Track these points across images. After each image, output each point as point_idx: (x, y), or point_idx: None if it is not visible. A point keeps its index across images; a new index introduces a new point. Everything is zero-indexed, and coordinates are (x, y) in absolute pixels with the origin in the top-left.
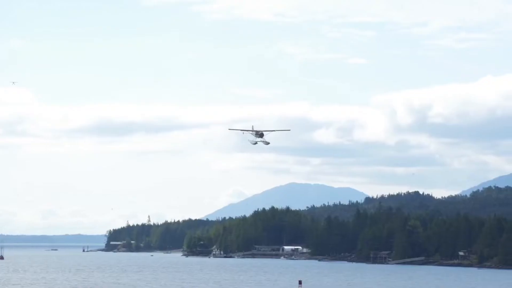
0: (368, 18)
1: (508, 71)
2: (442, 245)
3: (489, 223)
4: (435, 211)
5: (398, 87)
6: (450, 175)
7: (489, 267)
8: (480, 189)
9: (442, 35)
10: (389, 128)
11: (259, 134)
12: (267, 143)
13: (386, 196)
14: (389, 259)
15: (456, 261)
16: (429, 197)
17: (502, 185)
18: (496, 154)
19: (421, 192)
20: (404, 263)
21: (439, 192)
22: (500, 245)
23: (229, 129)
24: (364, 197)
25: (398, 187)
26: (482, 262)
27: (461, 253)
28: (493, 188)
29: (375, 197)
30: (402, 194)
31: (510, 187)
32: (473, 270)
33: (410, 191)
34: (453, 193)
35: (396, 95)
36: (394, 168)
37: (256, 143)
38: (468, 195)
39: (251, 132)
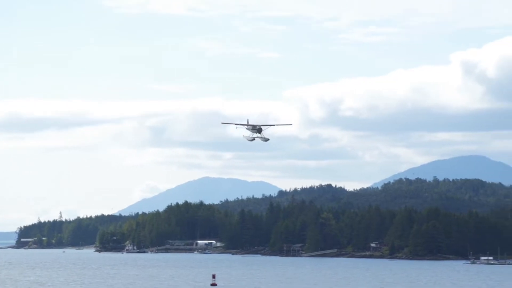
0: (280, 13)
1: (418, 64)
2: (354, 237)
3: (400, 215)
4: (347, 204)
5: (310, 81)
6: (362, 168)
7: (400, 258)
8: (391, 181)
9: (353, 29)
10: (301, 122)
11: (257, 129)
12: (266, 140)
13: (299, 189)
14: (302, 252)
15: (368, 253)
16: (341, 190)
17: (412, 177)
18: (406, 146)
19: (333, 185)
20: (317, 255)
21: (351, 185)
22: (410, 236)
23: (222, 122)
24: (277, 190)
25: (310, 180)
26: (393, 253)
27: (373, 245)
28: (404, 180)
29: (288, 190)
30: (315, 187)
31: (420, 179)
32: (385, 262)
33: (323, 184)
34: (365, 185)
35: (308, 89)
36: (306, 162)
37: (253, 139)
38: (379, 187)
39: (246, 126)
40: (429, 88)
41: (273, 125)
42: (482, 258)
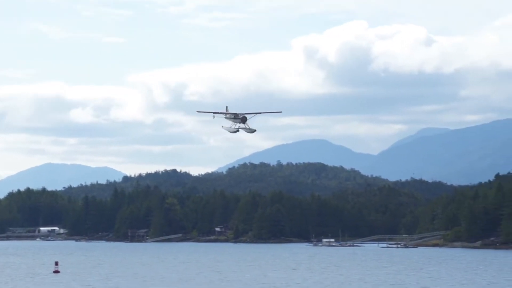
0: None
1: (261, 49)
2: (199, 222)
3: (244, 199)
4: (192, 188)
5: (154, 66)
6: (207, 153)
7: (245, 241)
8: (236, 165)
9: (197, 14)
10: (146, 107)
11: (240, 118)
12: (253, 131)
13: (144, 174)
14: (147, 237)
15: (213, 237)
16: (186, 175)
17: (256, 161)
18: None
19: (178, 170)
20: (162, 240)
21: (196, 170)
22: (255, 220)
23: (198, 111)
24: (122, 176)
25: (156, 166)
26: (238, 237)
27: (218, 229)
28: (248, 164)
29: (133, 176)
30: (160, 172)
31: (264, 163)
32: (229, 245)
33: (168, 169)
34: (210, 170)
35: (152, 74)
36: (151, 147)
37: (237, 130)
38: (224, 172)
39: (226, 115)
40: (272, 73)
41: (260, 113)
42: (324, 240)
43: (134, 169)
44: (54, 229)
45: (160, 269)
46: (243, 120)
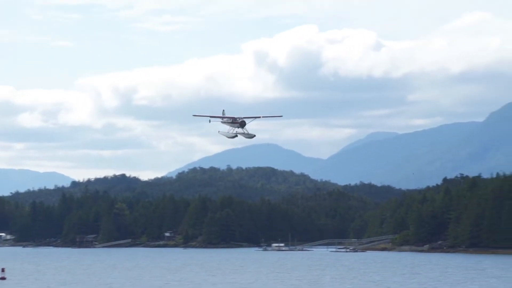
0: (73, 1)
1: (212, 53)
2: (149, 227)
3: (194, 204)
4: (142, 193)
5: (104, 70)
6: (157, 157)
7: (194, 246)
8: (186, 170)
9: (147, 18)
10: (95, 111)
11: (239, 123)
12: (252, 136)
13: (93, 179)
14: (96, 243)
15: (162, 242)
16: (135, 180)
17: (206, 165)
18: (200, 135)
19: (128, 175)
20: (110, 246)
21: (146, 174)
22: (204, 224)
23: (194, 115)
24: (71, 181)
25: (105, 170)
26: (187, 242)
27: (167, 234)
28: (198, 169)
29: (81, 181)
30: (109, 177)
31: (214, 167)
32: (178, 250)
33: (117, 174)
34: (160, 174)
35: (101, 78)
36: (100, 151)
37: (235, 136)
38: (174, 177)
39: (222, 119)
40: (222, 77)
41: (259, 117)
42: (274, 244)
43: (83, 174)
44: (1, 235)
45: (105, 275)
46: (242, 124)
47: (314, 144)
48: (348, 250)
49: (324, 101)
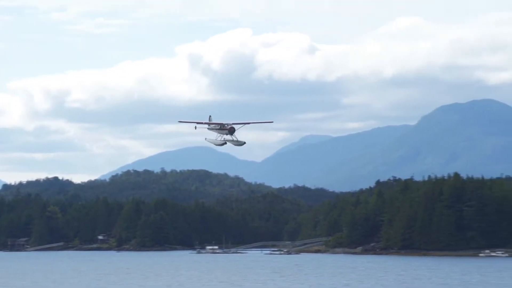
0: (4, 2)
1: (145, 56)
2: (82, 230)
3: (128, 207)
4: (75, 196)
5: (36, 73)
6: (90, 160)
7: (128, 249)
8: (119, 173)
9: (80, 21)
10: (27, 114)
11: (228, 129)
12: (242, 144)
13: (24, 182)
14: (27, 246)
15: (95, 245)
16: (68, 183)
17: (140, 168)
18: (134, 138)
19: (60, 178)
20: (42, 249)
21: (78, 177)
22: (138, 227)
23: (179, 121)
24: (2, 184)
25: (37, 173)
26: (121, 245)
27: (100, 237)
28: (132, 171)
29: (13, 183)
30: (41, 180)
31: (148, 170)
32: (112, 253)
33: (49, 176)
34: (93, 177)
35: (33, 81)
36: (32, 154)
37: (224, 143)
38: (107, 179)
39: (211, 126)
40: (156, 80)
41: (249, 123)
42: (208, 247)
43: (14, 177)
44: None
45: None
46: (231, 131)
47: (249, 147)
48: (282, 252)
49: (258, 104)
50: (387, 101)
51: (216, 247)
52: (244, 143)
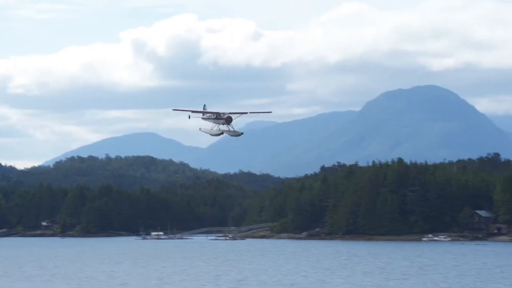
0: None
1: (90, 41)
2: (25, 216)
3: (72, 193)
4: (18, 182)
5: None
6: (34, 146)
7: (72, 235)
8: (63, 159)
9: (23, 6)
10: None
11: (225, 119)
12: (239, 134)
13: None
14: None
15: (39, 231)
16: (11, 169)
17: (85, 154)
18: (78, 124)
19: (3, 164)
20: None
21: (22, 163)
22: (83, 213)
23: (173, 109)
24: None
25: None
26: (65, 231)
27: (44, 223)
28: (76, 158)
29: None
30: None
31: (92, 156)
32: (56, 240)
33: None
34: (37, 163)
35: None
36: None
37: (221, 133)
38: (51, 166)
39: (203, 115)
40: (101, 65)
41: (246, 112)
42: (153, 233)
43: None
44: None
45: None
46: (228, 120)
47: (194, 133)
48: (227, 238)
49: (203, 90)
50: (332, 87)
51: (161, 233)
52: (242, 133)
